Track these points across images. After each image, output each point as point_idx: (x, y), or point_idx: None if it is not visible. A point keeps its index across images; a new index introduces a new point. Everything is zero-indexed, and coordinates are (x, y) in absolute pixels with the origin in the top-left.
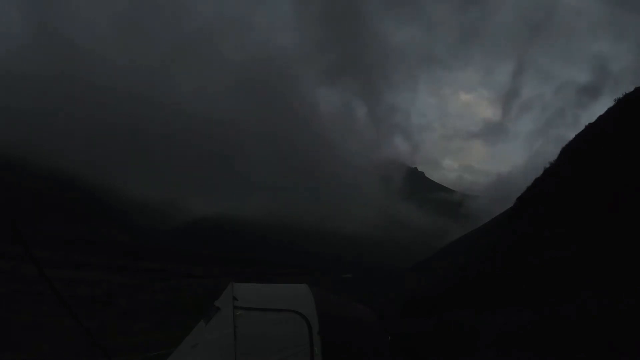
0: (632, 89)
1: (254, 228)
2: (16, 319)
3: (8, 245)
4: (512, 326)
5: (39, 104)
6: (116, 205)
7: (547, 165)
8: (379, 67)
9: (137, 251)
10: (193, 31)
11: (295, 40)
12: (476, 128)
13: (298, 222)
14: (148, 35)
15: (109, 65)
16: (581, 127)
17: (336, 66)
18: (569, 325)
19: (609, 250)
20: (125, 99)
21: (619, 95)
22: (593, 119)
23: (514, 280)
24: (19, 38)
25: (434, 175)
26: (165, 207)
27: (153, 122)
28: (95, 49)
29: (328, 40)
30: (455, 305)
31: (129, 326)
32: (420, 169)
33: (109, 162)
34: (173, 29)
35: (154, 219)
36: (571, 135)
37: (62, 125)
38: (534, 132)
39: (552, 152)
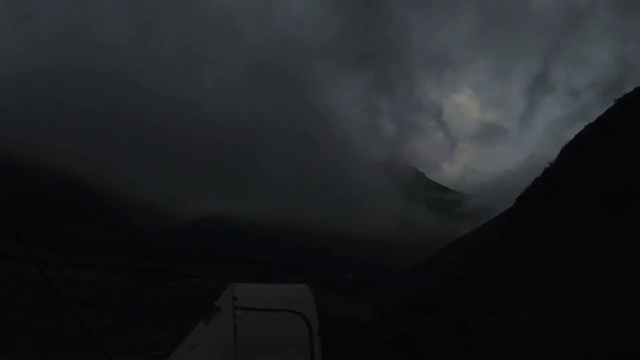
0: (631, 89)
1: (254, 228)
2: (16, 319)
3: (8, 245)
4: (512, 326)
5: (38, 103)
6: (116, 205)
7: (547, 165)
8: (388, 66)
9: (137, 251)
10: (208, 25)
11: (305, 36)
12: (476, 128)
13: (298, 222)
14: (162, 28)
15: (114, 59)
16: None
17: (346, 63)
18: (569, 325)
19: (609, 250)
20: (127, 94)
21: (619, 95)
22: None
23: (514, 280)
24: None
25: (435, 176)
26: (165, 206)
27: (154, 119)
28: (104, 41)
29: (333, 38)
30: (455, 305)
31: (129, 326)
32: (420, 169)
33: (109, 161)
34: (188, 23)
35: (154, 219)
36: (571, 135)
37: (62, 125)
38: (535, 133)
39: (552, 152)
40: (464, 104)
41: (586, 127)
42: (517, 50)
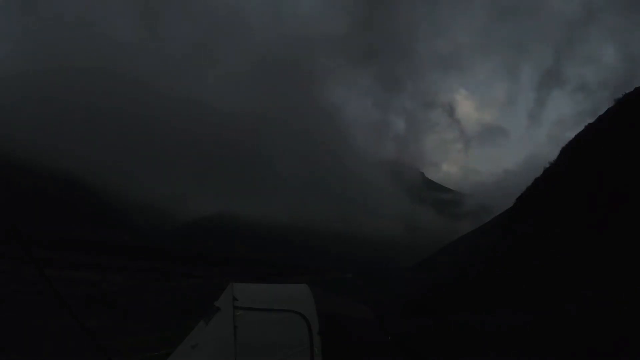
0: (632, 89)
1: (254, 228)
2: (16, 319)
3: (8, 246)
4: (512, 326)
5: (39, 103)
6: (116, 205)
7: (547, 165)
8: (394, 64)
9: (137, 251)
10: (213, 23)
11: (312, 33)
12: (477, 128)
13: (299, 222)
14: (166, 26)
15: (116, 58)
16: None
17: (353, 61)
18: (569, 325)
19: (609, 250)
20: (128, 94)
21: (619, 95)
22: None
23: (514, 280)
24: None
25: (435, 176)
26: (165, 206)
27: (154, 118)
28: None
29: (339, 35)
30: (456, 305)
31: (128, 326)
32: (420, 169)
33: (109, 161)
34: (192, 20)
35: (154, 219)
36: (571, 135)
37: (62, 125)
38: (535, 133)
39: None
40: (467, 103)
41: (586, 127)
42: (519, 50)
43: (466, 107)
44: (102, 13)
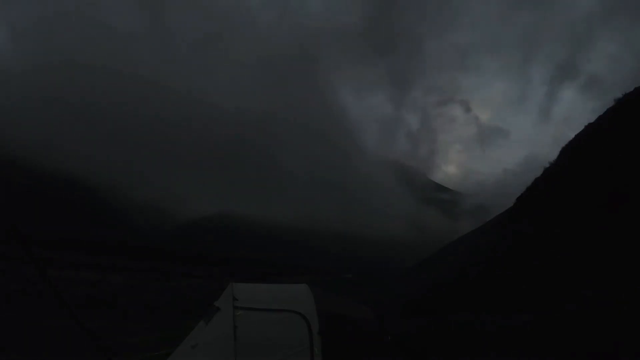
0: (631, 88)
1: (255, 228)
2: (16, 319)
3: (8, 246)
4: (512, 326)
5: (39, 102)
6: (116, 205)
7: (547, 165)
8: (400, 64)
9: (137, 251)
10: (221, 18)
11: (321, 31)
12: (477, 129)
13: (298, 222)
14: (173, 22)
15: (120, 56)
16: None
17: (360, 59)
18: (569, 325)
19: (609, 250)
20: (128, 93)
21: (619, 95)
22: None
23: (514, 280)
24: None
25: (436, 176)
26: (165, 206)
27: (154, 119)
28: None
29: (349, 32)
30: (456, 305)
31: (129, 326)
32: (421, 169)
33: (109, 161)
34: (200, 16)
35: (154, 219)
36: (571, 134)
37: (62, 124)
38: (535, 133)
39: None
40: (469, 103)
41: (586, 127)
42: (520, 50)
43: (468, 107)
44: (104, 9)
